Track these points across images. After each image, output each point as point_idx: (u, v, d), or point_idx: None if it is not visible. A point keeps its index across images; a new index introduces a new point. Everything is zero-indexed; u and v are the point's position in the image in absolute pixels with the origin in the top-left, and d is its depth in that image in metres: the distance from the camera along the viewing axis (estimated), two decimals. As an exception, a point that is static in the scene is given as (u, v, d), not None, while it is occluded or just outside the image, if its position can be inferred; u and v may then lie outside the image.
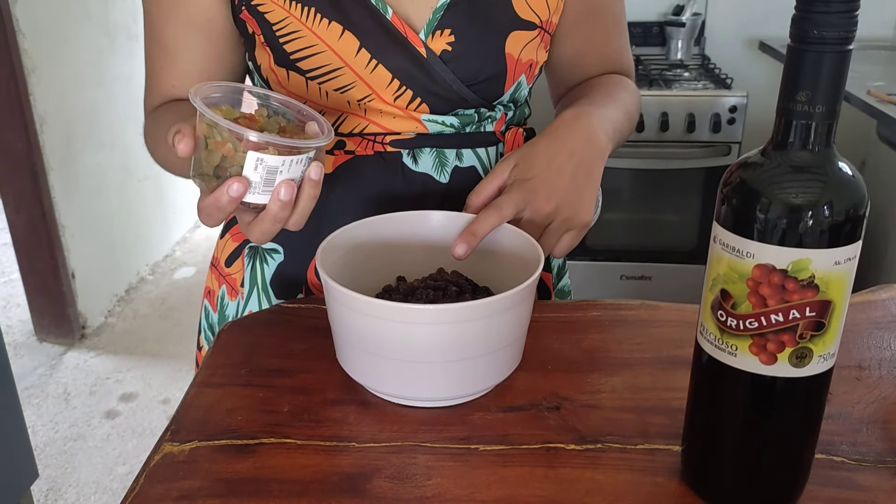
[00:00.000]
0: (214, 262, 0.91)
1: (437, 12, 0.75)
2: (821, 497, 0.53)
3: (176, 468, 0.56)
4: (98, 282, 2.78)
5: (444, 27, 0.75)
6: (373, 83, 0.75)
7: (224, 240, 0.89)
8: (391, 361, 0.60)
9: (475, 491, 0.54)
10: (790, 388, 0.48)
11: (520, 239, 0.69)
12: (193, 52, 0.78)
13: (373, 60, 0.74)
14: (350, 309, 0.60)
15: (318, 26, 0.73)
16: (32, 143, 2.39)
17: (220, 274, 0.89)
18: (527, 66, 0.80)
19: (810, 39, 0.43)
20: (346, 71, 0.74)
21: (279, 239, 0.83)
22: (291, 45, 0.74)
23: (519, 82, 0.81)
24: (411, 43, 0.74)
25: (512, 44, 0.77)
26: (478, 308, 0.57)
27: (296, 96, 0.76)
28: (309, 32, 0.73)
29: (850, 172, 0.46)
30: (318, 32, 0.73)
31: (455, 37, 0.75)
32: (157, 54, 0.80)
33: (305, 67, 0.74)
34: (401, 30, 0.74)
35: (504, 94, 0.81)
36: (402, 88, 0.76)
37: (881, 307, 0.77)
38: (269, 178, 0.59)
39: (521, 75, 0.80)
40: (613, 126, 0.77)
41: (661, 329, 0.74)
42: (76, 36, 2.62)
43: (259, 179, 0.58)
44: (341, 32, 0.73)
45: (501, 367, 0.63)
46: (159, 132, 0.74)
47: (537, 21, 0.78)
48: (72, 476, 2.06)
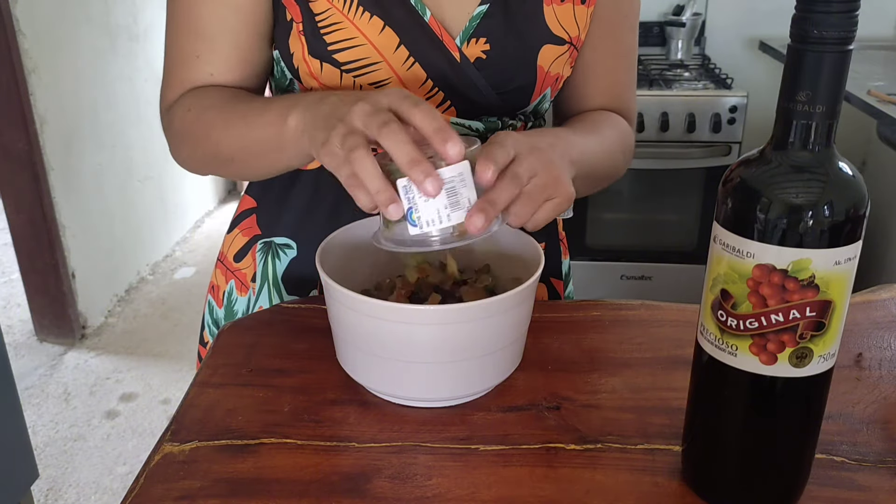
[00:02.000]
0: (221, 258, 0.90)
1: (473, 20, 0.75)
2: (821, 497, 0.53)
3: (176, 468, 0.56)
4: (98, 282, 2.78)
5: (479, 35, 0.76)
6: (407, 81, 0.76)
7: (232, 235, 0.89)
8: (391, 362, 0.60)
9: (475, 491, 0.54)
10: (790, 388, 0.48)
11: (520, 239, 0.68)
12: (234, 38, 0.76)
13: (410, 58, 0.74)
14: (350, 309, 0.59)
15: (359, 19, 0.73)
16: (32, 143, 2.39)
17: (228, 269, 0.89)
18: (554, 80, 0.81)
19: (810, 39, 0.43)
20: (384, 66, 0.74)
21: (293, 234, 0.83)
22: (331, 35, 0.73)
23: (544, 94, 0.82)
24: (447, 47, 0.75)
25: (543, 56, 0.78)
26: (478, 308, 0.57)
27: (327, 89, 0.75)
28: (350, 25, 0.73)
29: (851, 172, 0.46)
30: (360, 25, 0.73)
31: (490, 45, 0.76)
32: (191, 42, 0.76)
33: (342, 59, 0.74)
34: (437, 33, 0.74)
35: (529, 105, 0.82)
36: (434, 89, 0.76)
37: (881, 307, 0.77)
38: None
39: (547, 88, 0.81)
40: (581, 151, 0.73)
41: (661, 329, 0.74)
42: (76, 36, 2.62)
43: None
44: (382, 28, 0.73)
45: (501, 367, 0.63)
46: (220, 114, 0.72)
47: (566, 37, 0.79)
48: (72, 476, 2.06)
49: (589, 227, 2.50)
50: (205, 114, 0.74)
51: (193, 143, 0.76)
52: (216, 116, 0.73)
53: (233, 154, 0.74)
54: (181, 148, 0.79)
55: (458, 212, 0.56)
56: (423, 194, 0.54)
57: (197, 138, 0.76)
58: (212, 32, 0.76)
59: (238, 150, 0.73)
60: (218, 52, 0.76)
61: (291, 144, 0.66)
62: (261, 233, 0.86)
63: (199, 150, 0.77)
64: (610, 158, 0.81)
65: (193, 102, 0.76)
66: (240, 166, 0.75)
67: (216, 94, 0.76)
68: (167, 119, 0.79)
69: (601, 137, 0.79)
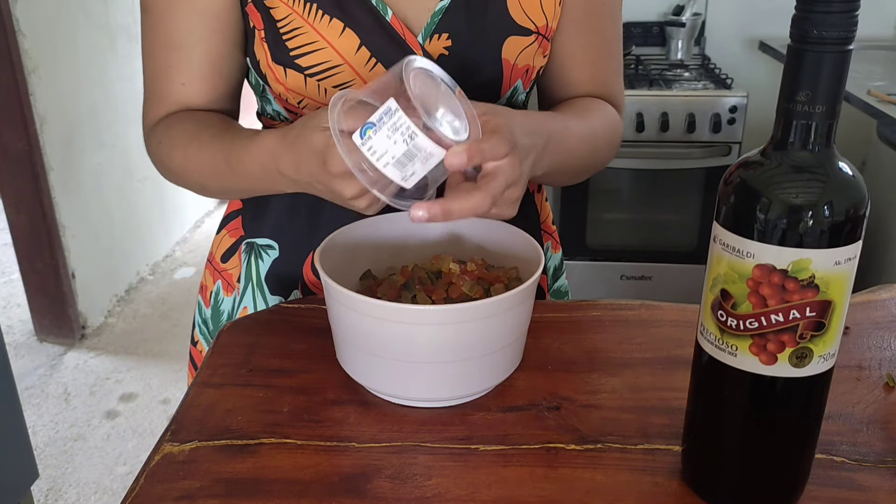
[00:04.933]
0: (210, 258, 0.91)
1: (435, 16, 0.75)
2: (821, 497, 0.53)
3: (176, 468, 0.56)
4: (98, 282, 2.78)
5: (441, 31, 0.75)
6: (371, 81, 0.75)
7: (220, 235, 0.90)
8: (391, 362, 0.60)
9: (475, 491, 0.54)
10: (790, 388, 0.48)
11: (520, 239, 0.68)
12: (205, 46, 0.76)
13: (372, 59, 0.74)
14: (350, 309, 0.60)
15: (319, 23, 0.73)
16: (32, 143, 2.38)
17: (216, 269, 0.89)
18: (523, 72, 0.80)
19: (810, 39, 0.43)
20: (346, 68, 0.74)
21: (274, 235, 0.84)
22: (293, 41, 0.74)
23: (515, 87, 0.81)
24: (409, 45, 0.75)
25: (508, 49, 0.77)
26: (478, 309, 0.57)
27: (294, 94, 0.76)
28: (310, 29, 0.73)
29: (851, 172, 0.46)
30: (320, 29, 0.73)
31: (452, 41, 0.75)
32: (164, 53, 0.77)
33: (304, 64, 0.74)
34: (399, 31, 0.74)
35: (501, 98, 0.81)
36: None
37: (881, 307, 0.77)
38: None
39: (517, 80, 0.80)
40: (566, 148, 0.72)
41: (661, 329, 0.74)
42: (76, 36, 2.62)
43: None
44: (342, 30, 0.73)
45: (501, 368, 0.63)
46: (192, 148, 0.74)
47: (533, 27, 0.78)
48: (72, 476, 2.06)
49: (589, 227, 2.50)
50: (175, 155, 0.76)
51: (174, 176, 0.79)
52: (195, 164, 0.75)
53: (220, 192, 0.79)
54: (162, 172, 0.81)
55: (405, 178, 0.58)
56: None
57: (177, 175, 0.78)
58: (183, 42, 0.76)
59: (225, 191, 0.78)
60: (189, 60, 0.77)
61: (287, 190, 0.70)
62: (245, 234, 0.86)
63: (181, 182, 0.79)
64: (593, 153, 0.80)
65: (163, 138, 0.77)
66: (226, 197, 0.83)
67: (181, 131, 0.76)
68: (147, 143, 0.80)
69: (590, 130, 0.79)
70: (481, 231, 0.72)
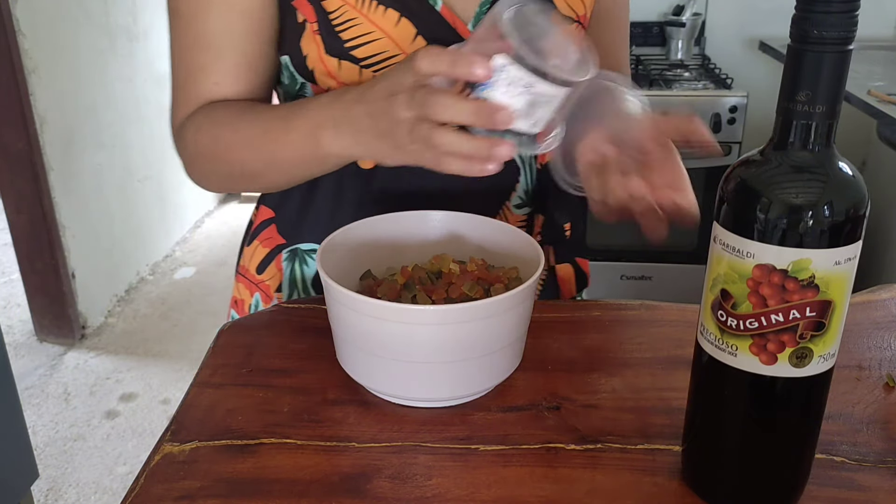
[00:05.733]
0: (242, 272, 0.89)
1: (483, 6, 0.76)
2: (821, 497, 0.53)
3: (176, 468, 0.56)
4: (98, 282, 2.78)
5: None
6: None
7: (252, 248, 0.88)
8: (391, 362, 0.60)
9: (475, 491, 0.54)
10: (790, 388, 0.48)
11: (520, 239, 0.68)
12: (240, 45, 0.74)
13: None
14: (350, 309, 0.60)
15: (374, 13, 0.73)
16: (32, 143, 2.38)
17: (251, 282, 0.88)
18: None
19: (810, 39, 0.43)
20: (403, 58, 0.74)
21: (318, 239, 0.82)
22: (347, 32, 0.73)
23: None
24: (460, 34, 0.75)
25: None
26: (478, 308, 0.57)
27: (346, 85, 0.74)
28: (365, 20, 0.73)
29: (851, 172, 0.46)
30: (375, 19, 0.73)
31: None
32: (196, 54, 0.75)
33: (360, 55, 0.74)
34: (450, 21, 0.75)
35: None
36: None
37: (881, 307, 0.77)
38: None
39: None
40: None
41: (661, 329, 0.74)
42: (76, 36, 2.62)
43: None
44: (398, 19, 0.73)
45: (501, 368, 0.63)
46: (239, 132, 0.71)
47: (575, 16, 0.79)
48: (72, 476, 2.06)
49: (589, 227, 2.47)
50: (220, 133, 0.73)
51: (212, 162, 0.75)
52: (234, 136, 0.72)
53: (260, 170, 0.73)
54: (198, 168, 0.77)
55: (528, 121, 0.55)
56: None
57: (216, 158, 0.75)
58: (217, 41, 0.74)
59: (265, 166, 0.72)
60: (223, 60, 0.75)
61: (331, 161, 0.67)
62: (285, 241, 0.85)
63: (220, 169, 0.76)
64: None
65: (203, 122, 0.74)
66: (266, 181, 0.75)
67: (225, 110, 0.74)
68: (179, 140, 0.77)
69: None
70: (481, 231, 0.72)
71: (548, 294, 0.90)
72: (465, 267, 0.67)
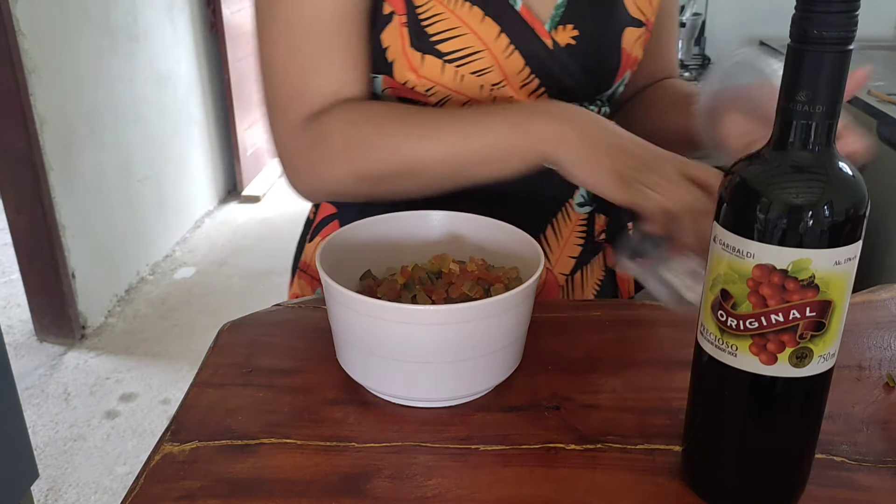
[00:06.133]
0: (303, 268, 0.90)
1: (558, 7, 0.78)
2: (821, 497, 0.53)
3: (176, 468, 0.56)
4: (98, 282, 2.78)
5: (566, 22, 0.78)
6: (507, 69, 0.77)
7: (314, 244, 0.89)
8: (391, 362, 0.60)
9: (475, 491, 0.54)
10: (790, 388, 0.48)
11: (520, 239, 0.68)
12: (356, 29, 0.74)
13: (510, 46, 0.76)
14: (350, 309, 0.60)
15: (460, 9, 0.74)
16: (32, 143, 2.39)
17: (314, 278, 0.89)
18: (634, 62, 0.83)
19: (810, 39, 0.43)
20: (486, 54, 0.76)
21: None
22: (433, 27, 0.74)
23: (624, 77, 0.84)
24: (539, 35, 0.77)
25: (626, 39, 0.81)
26: (478, 308, 0.57)
27: (426, 81, 0.76)
28: (451, 15, 0.74)
29: (850, 172, 0.46)
30: (461, 15, 0.74)
31: (578, 31, 0.78)
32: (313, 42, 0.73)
33: (444, 50, 0.75)
34: (529, 21, 0.76)
35: (610, 88, 0.84)
36: (531, 77, 0.78)
37: (881, 307, 0.77)
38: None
39: (627, 70, 0.84)
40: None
41: (661, 329, 0.74)
42: (76, 36, 2.62)
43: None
44: (482, 17, 0.75)
45: (501, 368, 0.63)
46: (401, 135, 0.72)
47: (642, 18, 0.82)
48: (72, 476, 2.06)
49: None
50: (391, 128, 0.72)
51: (368, 158, 0.73)
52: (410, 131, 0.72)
53: (430, 167, 0.72)
54: (340, 165, 0.74)
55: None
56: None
57: (380, 152, 0.72)
58: (334, 27, 0.73)
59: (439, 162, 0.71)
60: (344, 47, 0.74)
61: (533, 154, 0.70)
62: None
63: (377, 169, 0.73)
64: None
65: (364, 119, 0.73)
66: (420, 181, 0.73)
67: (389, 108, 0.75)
68: (311, 137, 0.74)
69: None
70: (481, 231, 0.72)
71: (605, 293, 0.91)
72: (465, 267, 0.67)
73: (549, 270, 0.86)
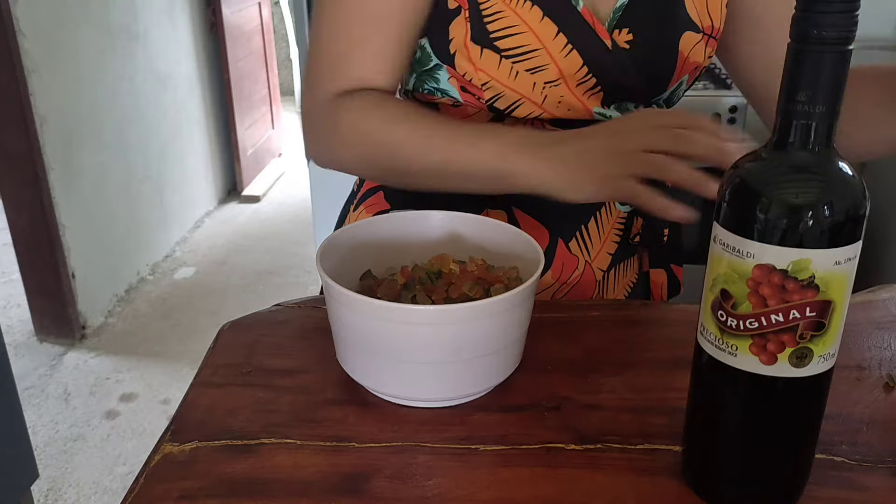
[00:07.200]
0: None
1: (616, 12, 0.79)
2: (821, 497, 0.53)
3: (176, 468, 0.56)
4: (98, 282, 2.78)
5: (622, 25, 0.79)
6: (564, 68, 0.78)
7: (357, 213, 0.90)
8: (391, 362, 0.60)
9: (475, 491, 0.54)
10: (790, 388, 0.48)
11: (520, 239, 0.69)
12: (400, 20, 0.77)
13: (568, 45, 0.77)
14: (351, 309, 0.60)
15: (521, 8, 0.76)
16: (32, 143, 2.39)
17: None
18: (692, 67, 0.83)
19: (810, 39, 0.43)
20: (543, 52, 0.77)
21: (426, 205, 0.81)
22: (494, 24, 0.77)
23: (681, 81, 0.84)
24: (599, 35, 0.78)
25: (684, 43, 0.81)
26: (478, 309, 0.57)
27: (482, 74, 0.79)
28: (512, 13, 0.76)
29: (850, 172, 0.46)
30: (521, 13, 0.76)
31: (633, 34, 0.79)
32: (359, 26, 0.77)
33: (503, 46, 0.77)
34: (590, 21, 0.77)
35: (666, 91, 0.84)
36: (587, 76, 0.79)
37: (881, 307, 0.77)
38: None
39: (685, 75, 0.84)
40: None
41: (661, 329, 0.74)
42: (76, 36, 2.62)
43: None
44: (542, 17, 0.76)
45: (501, 368, 0.63)
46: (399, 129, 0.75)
47: (701, 25, 0.81)
48: (72, 476, 2.06)
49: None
50: (395, 128, 0.75)
51: (369, 150, 0.77)
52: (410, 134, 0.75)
53: (422, 172, 0.75)
54: (345, 149, 0.78)
55: None
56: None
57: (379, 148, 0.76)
58: (380, 14, 0.77)
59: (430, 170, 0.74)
60: (382, 36, 0.77)
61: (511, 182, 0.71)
62: (390, 207, 0.87)
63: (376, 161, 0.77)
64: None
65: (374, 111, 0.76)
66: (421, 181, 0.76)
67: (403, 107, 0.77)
68: (330, 116, 0.78)
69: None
70: (481, 231, 0.72)
71: (637, 296, 0.92)
72: (465, 267, 0.67)
73: (588, 264, 0.86)
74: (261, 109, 4.15)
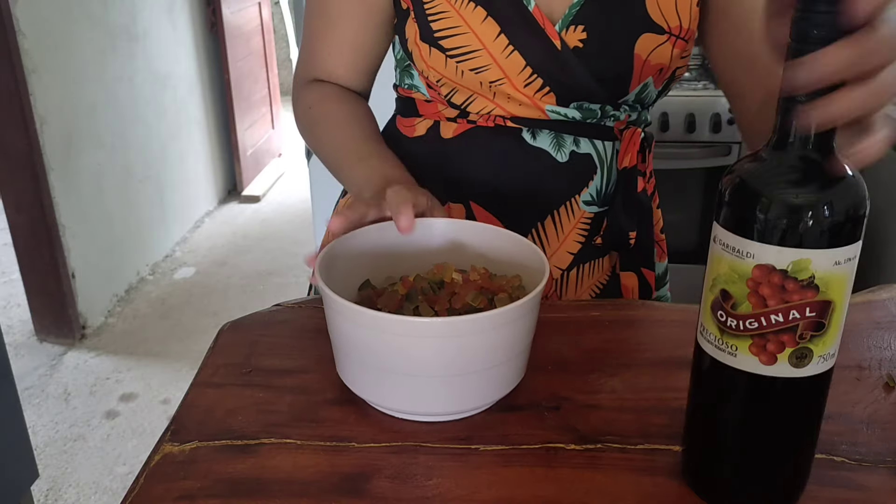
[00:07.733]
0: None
1: (572, 8, 0.78)
2: (821, 497, 0.53)
3: (176, 468, 0.56)
4: (98, 282, 2.78)
5: (577, 23, 0.78)
6: (506, 68, 0.79)
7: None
8: (392, 375, 0.58)
9: (475, 491, 0.54)
10: (790, 389, 0.48)
11: (522, 247, 0.67)
12: (351, 22, 0.86)
13: (509, 46, 0.78)
14: (351, 322, 0.58)
15: (464, 9, 0.78)
16: (32, 143, 2.39)
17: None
18: (655, 70, 0.81)
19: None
20: (484, 53, 0.79)
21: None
22: (438, 23, 0.79)
23: (646, 84, 0.82)
24: (548, 35, 0.78)
25: (641, 45, 0.79)
26: (482, 320, 0.56)
27: (434, 72, 0.82)
28: (455, 13, 0.78)
29: (850, 172, 0.46)
30: (464, 14, 0.78)
31: (587, 33, 0.78)
32: (317, 23, 0.88)
33: (447, 46, 0.80)
34: (540, 21, 0.78)
35: (629, 94, 0.82)
36: (532, 76, 0.79)
37: (881, 307, 0.77)
38: None
39: (647, 77, 0.81)
40: None
41: (661, 329, 0.74)
42: (76, 36, 2.62)
43: None
44: (484, 17, 0.78)
45: (505, 381, 0.62)
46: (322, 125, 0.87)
47: (666, 27, 0.79)
48: (72, 476, 2.06)
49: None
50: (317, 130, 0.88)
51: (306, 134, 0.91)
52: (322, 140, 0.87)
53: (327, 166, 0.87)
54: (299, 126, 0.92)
55: None
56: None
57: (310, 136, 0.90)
58: (332, 15, 0.87)
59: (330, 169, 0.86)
60: (336, 33, 0.87)
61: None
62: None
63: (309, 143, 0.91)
64: None
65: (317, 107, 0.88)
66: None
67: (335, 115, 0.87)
68: (297, 100, 0.91)
69: None
70: (483, 239, 0.70)
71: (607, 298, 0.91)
72: (468, 276, 0.66)
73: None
74: (261, 109, 4.15)
